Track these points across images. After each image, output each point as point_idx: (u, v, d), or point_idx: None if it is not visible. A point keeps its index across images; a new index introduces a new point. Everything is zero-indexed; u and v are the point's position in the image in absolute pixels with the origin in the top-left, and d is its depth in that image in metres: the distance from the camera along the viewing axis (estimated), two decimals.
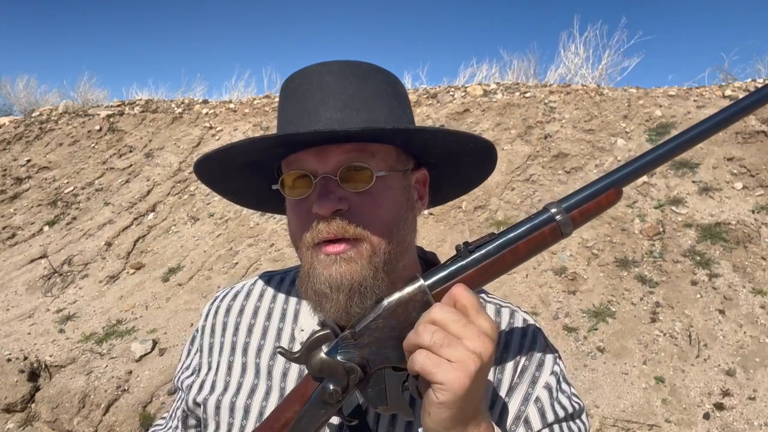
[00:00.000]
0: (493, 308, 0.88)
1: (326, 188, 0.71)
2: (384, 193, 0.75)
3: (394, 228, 0.75)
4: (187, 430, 0.92)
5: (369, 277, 0.72)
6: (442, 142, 0.79)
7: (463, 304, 0.60)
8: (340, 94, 0.75)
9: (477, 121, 6.20)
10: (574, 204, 0.68)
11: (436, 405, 0.57)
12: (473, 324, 0.59)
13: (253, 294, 0.92)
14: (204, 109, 8.21)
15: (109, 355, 4.22)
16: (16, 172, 7.73)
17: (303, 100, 0.76)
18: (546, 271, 4.19)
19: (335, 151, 0.72)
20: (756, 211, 4.27)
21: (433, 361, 0.57)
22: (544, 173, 5.20)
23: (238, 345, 0.88)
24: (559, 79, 7.62)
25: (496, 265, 0.66)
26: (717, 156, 4.85)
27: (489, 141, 0.80)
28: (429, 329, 0.58)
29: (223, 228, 5.76)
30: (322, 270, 0.72)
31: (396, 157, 0.78)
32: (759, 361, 3.32)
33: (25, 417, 3.87)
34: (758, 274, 3.83)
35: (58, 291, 5.42)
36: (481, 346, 0.57)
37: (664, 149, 0.68)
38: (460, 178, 0.91)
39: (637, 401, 3.20)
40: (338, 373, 0.64)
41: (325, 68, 0.77)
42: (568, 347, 3.61)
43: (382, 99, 0.77)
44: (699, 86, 5.92)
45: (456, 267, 0.65)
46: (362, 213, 0.72)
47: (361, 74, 0.77)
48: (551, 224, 0.67)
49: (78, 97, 10.15)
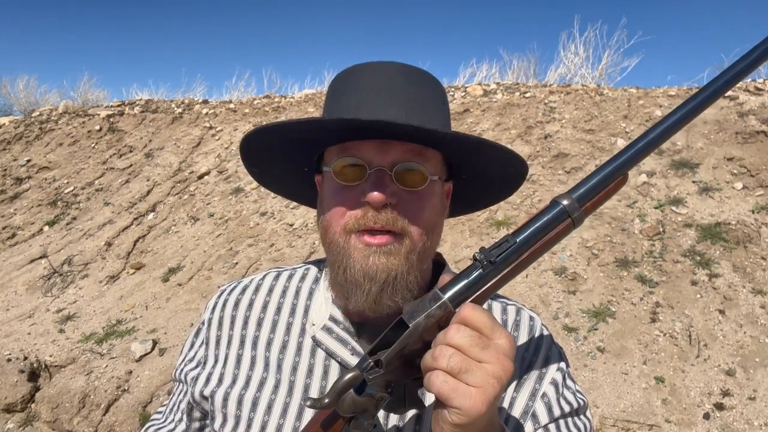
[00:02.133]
0: (499, 306, 0.89)
1: (381, 180, 0.72)
2: (431, 196, 0.77)
3: (431, 231, 0.77)
4: (192, 423, 0.92)
5: (404, 272, 0.73)
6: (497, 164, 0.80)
7: (477, 325, 0.58)
8: (408, 95, 0.76)
9: (477, 121, 6.21)
10: (586, 195, 0.66)
11: (450, 425, 0.56)
12: (492, 345, 0.57)
13: (262, 288, 0.92)
14: (204, 109, 8.21)
15: (109, 355, 4.22)
16: (16, 172, 7.72)
17: (370, 93, 0.76)
18: (546, 271, 4.19)
19: (396, 148, 0.74)
20: (756, 211, 4.27)
21: (451, 386, 0.55)
22: (544, 173, 5.20)
23: (247, 338, 0.87)
24: (559, 79, 7.63)
25: (516, 270, 0.65)
26: (717, 156, 4.85)
27: (527, 168, 0.82)
28: (447, 353, 0.56)
29: (223, 228, 5.76)
30: (359, 258, 0.72)
31: (442, 165, 0.80)
32: (759, 361, 3.32)
33: (25, 417, 3.88)
34: (758, 274, 3.83)
35: (58, 291, 5.42)
36: (501, 370, 0.56)
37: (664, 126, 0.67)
38: (475, 198, 0.93)
39: (637, 401, 3.20)
40: (369, 407, 0.63)
41: (392, 67, 0.78)
42: (568, 347, 3.61)
43: (440, 107, 0.80)
44: (699, 86, 5.92)
45: (478, 278, 0.63)
46: (409, 210, 0.73)
47: (424, 81, 0.79)
48: (566, 221, 0.65)
49: (78, 97, 10.16)
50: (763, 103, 5.17)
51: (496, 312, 0.88)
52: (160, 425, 0.96)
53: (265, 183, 0.95)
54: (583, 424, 0.80)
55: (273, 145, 0.81)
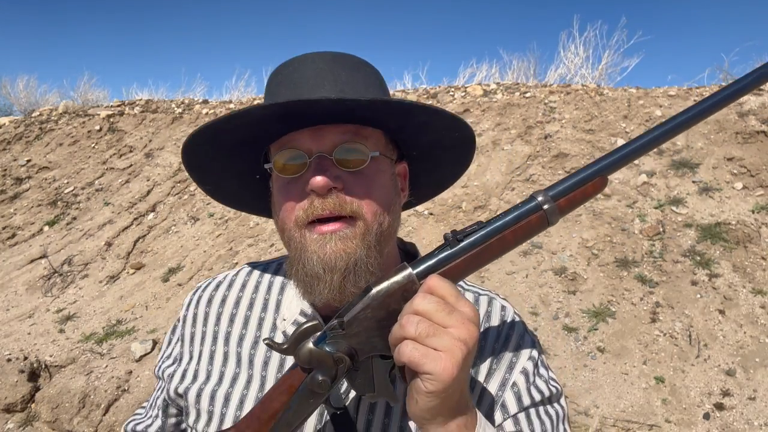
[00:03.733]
0: (471, 296, 0.89)
1: (322, 166, 0.72)
2: (377, 174, 0.76)
3: (385, 209, 0.76)
4: (168, 419, 0.93)
5: (363, 256, 0.73)
6: (434, 127, 0.80)
7: (441, 293, 0.60)
8: (335, 81, 0.76)
9: (477, 121, 6.20)
10: (561, 192, 0.68)
11: (424, 394, 0.58)
12: (457, 311, 0.59)
13: (236, 284, 0.93)
14: (204, 109, 8.21)
15: (109, 355, 4.22)
16: (16, 172, 7.73)
17: (299, 84, 0.76)
18: (546, 271, 4.19)
19: (331, 131, 0.73)
20: (756, 211, 4.27)
21: (421, 352, 0.57)
22: (544, 173, 5.20)
23: (219, 334, 0.88)
24: (559, 79, 7.63)
25: (484, 253, 0.66)
26: (717, 156, 4.85)
27: (473, 131, 0.82)
28: (413, 320, 0.58)
29: (223, 228, 5.76)
30: (315, 249, 0.72)
31: (385, 143, 0.80)
32: (759, 361, 3.32)
33: (25, 417, 3.87)
34: (758, 274, 3.83)
35: (58, 291, 5.42)
36: (466, 333, 0.58)
37: (649, 137, 0.69)
38: (435, 175, 0.92)
39: (637, 401, 3.20)
40: (327, 364, 0.64)
41: (318, 56, 0.78)
42: (568, 347, 3.61)
43: (373, 89, 0.80)
44: (699, 86, 5.92)
45: (444, 255, 0.65)
46: (357, 192, 0.73)
47: (353, 65, 0.79)
48: (538, 212, 0.67)
49: (78, 97, 10.15)
50: (763, 103, 5.17)
51: None
52: (140, 420, 0.98)
53: (221, 199, 0.94)
54: (555, 412, 0.80)
55: (212, 154, 0.81)
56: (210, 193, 0.92)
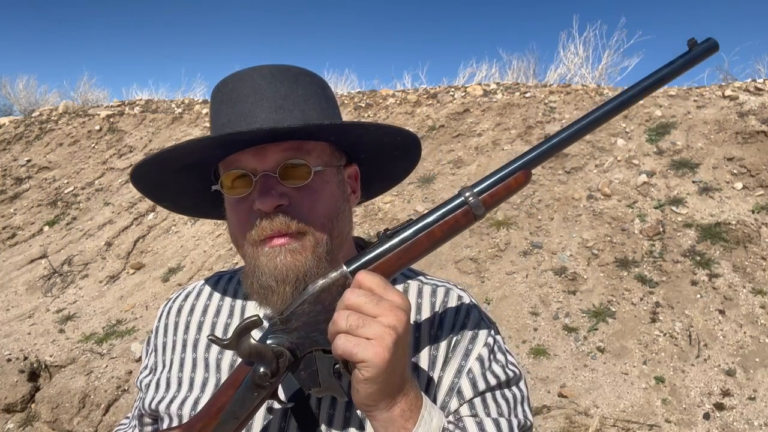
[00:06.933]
0: (429, 288, 0.90)
1: (267, 185, 0.74)
2: (322, 187, 0.78)
3: (333, 220, 0.79)
4: (143, 427, 0.96)
5: (313, 267, 0.75)
6: (373, 136, 0.83)
7: (369, 286, 0.63)
8: (273, 96, 0.78)
9: (477, 121, 6.21)
10: (485, 188, 0.72)
11: (362, 382, 0.61)
12: (384, 300, 0.62)
13: (203, 293, 0.97)
14: (204, 109, 8.21)
15: (109, 355, 4.22)
16: (16, 172, 7.73)
17: (238, 103, 0.78)
18: (546, 271, 4.19)
19: (273, 150, 0.75)
20: (756, 211, 4.27)
21: (353, 342, 0.60)
22: (544, 173, 5.20)
23: (188, 342, 0.91)
24: (559, 79, 7.63)
25: (413, 248, 0.70)
26: (717, 156, 4.85)
27: (415, 134, 0.85)
28: (344, 314, 0.62)
29: (223, 228, 5.76)
30: (267, 262, 0.75)
31: (330, 153, 0.82)
32: (759, 361, 3.32)
33: (25, 417, 3.88)
34: (758, 274, 3.83)
35: (58, 291, 5.42)
36: (394, 319, 0.61)
37: (570, 131, 0.75)
38: (388, 171, 0.95)
39: (637, 401, 3.20)
40: (267, 357, 0.67)
41: (256, 72, 0.80)
42: (568, 347, 3.61)
43: (314, 100, 0.81)
44: (699, 86, 5.92)
45: (375, 252, 0.69)
46: (303, 207, 0.76)
47: (292, 77, 0.81)
48: (464, 207, 0.71)
49: (78, 97, 10.16)
50: (763, 103, 5.17)
51: (426, 294, 0.89)
52: (123, 430, 1.03)
53: (181, 212, 0.98)
54: (513, 395, 0.81)
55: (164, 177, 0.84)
56: (169, 209, 0.97)
